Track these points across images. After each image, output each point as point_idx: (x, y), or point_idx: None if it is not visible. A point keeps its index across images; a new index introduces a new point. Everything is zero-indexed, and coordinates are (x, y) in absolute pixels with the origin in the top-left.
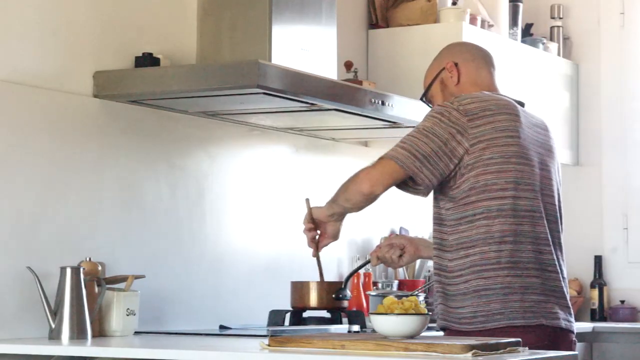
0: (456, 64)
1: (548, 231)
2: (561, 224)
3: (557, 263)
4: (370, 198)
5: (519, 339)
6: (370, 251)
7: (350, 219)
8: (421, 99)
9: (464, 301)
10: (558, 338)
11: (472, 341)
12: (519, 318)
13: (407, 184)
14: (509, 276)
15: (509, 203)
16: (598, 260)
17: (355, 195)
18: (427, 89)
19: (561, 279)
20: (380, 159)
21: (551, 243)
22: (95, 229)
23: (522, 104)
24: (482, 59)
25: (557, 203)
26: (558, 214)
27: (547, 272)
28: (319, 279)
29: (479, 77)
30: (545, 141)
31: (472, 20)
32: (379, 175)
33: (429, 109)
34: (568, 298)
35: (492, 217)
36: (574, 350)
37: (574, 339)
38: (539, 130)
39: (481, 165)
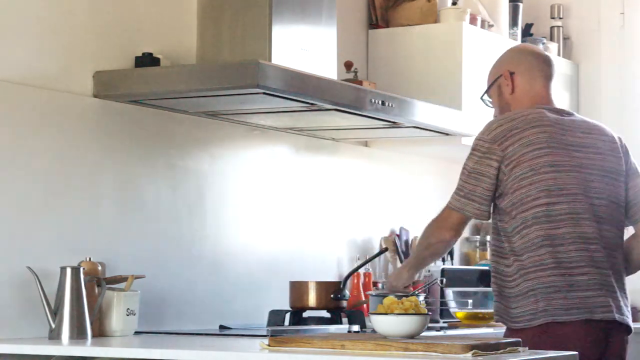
0: (512, 74)
1: (597, 230)
2: (620, 223)
3: (607, 260)
4: (452, 243)
5: (519, 339)
6: (369, 251)
7: (350, 219)
8: (481, 98)
9: (517, 302)
10: (611, 330)
11: (472, 341)
12: (562, 315)
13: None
14: (552, 276)
15: (542, 210)
16: None
17: (440, 246)
18: (487, 91)
19: (612, 274)
20: (445, 210)
21: (600, 241)
22: (95, 229)
23: (568, 113)
24: (539, 69)
25: (611, 204)
26: (614, 215)
27: (597, 269)
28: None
29: (533, 88)
30: (593, 144)
31: (472, 20)
32: (449, 224)
33: (487, 107)
34: (623, 295)
35: (530, 226)
36: (625, 345)
37: (626, 337)
38: (583, 135)
39: (515, 182)
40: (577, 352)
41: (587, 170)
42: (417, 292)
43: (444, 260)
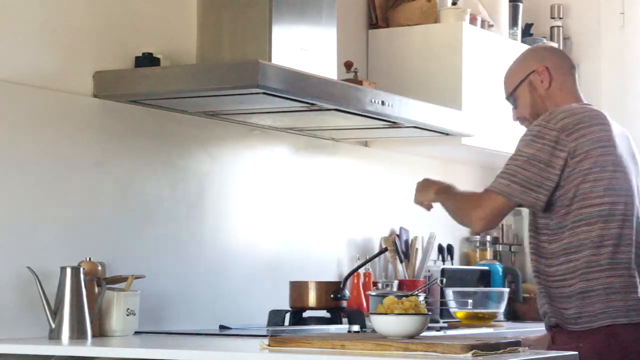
0: (547, 68)
1: None
2: None
3: None
4: (486, 227)
5: (519, 339)
6: (369, 251)
7: (350, 219)
8: (507, 99)
9: (569, 303)
10: None
11: (472, 341)
12: (622, 317)
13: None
14: (611, 277)
15: (606, 209)
16: None
17: (467, 225)
18: (514, 90)
19: None
20: (486, 192)
21: None
22: (95, 229)
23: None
24: (568, 65)
25: None
26: None
27: None
28: None
29: (566, 83)
30: (630, 149)
31: (472, 20)
32: (490, 214)
33: (512, 107)
34: None
35: (592, 223)
36: None
37: None
38: (624, 139)
39: (580, 176)
40: (576, 353)
41: (634, 174)
42: (417, 292)
43: (444, 260)
